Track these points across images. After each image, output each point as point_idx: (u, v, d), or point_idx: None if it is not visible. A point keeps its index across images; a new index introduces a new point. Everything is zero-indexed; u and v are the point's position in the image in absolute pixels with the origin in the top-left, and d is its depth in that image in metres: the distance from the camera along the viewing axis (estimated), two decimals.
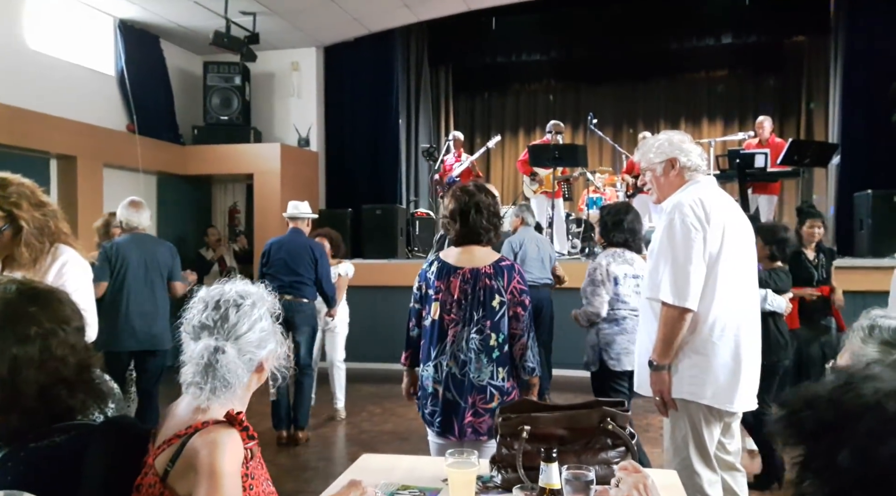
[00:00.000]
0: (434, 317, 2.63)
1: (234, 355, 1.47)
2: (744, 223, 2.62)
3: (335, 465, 4.51)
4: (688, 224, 2.44)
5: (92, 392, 1.54)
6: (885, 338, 1.33)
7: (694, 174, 2.62)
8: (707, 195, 2.53)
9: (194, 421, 1.44)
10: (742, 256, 2.55)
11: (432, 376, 2.63)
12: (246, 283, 1.59)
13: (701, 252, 2.43)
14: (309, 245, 5.14)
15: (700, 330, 2.47)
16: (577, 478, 1.63)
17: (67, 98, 6.82)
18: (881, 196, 6.85)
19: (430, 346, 2.65)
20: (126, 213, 4.50)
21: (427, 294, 2.67)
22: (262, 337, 1.53)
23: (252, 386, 1.58)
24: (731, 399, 2.48)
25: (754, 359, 2.58)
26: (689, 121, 11.03)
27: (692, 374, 2.48)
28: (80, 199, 6.70)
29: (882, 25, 7.72)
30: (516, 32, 10.21)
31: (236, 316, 1.50)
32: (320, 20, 8.22)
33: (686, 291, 2.41)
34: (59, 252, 2.76)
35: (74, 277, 2.76)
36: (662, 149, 2.64)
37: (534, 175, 8.09)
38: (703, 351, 2.47)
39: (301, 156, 8.80)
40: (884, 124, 7.36)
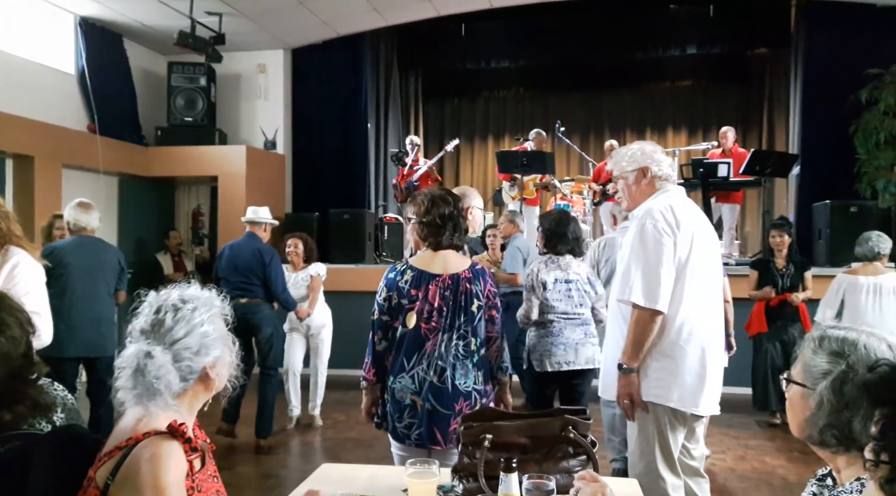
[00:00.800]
0: (409, 327, 2.53)
1: (165, 361, 1.44)
2: (710, 231, 2.69)
3: (297, 474, 4.43)
4: (659, 229, 2.50)
5: (28, 403, 1.48)
6: (834, 348, 1.35)
7: (664, 183, 2.69)
8: (676, 203, 2.60)
9: (136, 432, 1.40)
10: (708, 263, 2.61)
11: (409, 388, 2.51)
12: (197, 288, 1.56)
13: (671, 256, 2.49)
14: (258, 249, 5.07)
15: (668, 333, 2.51)
16: (538, 487, 1.62)
17: (25, 96, 6.64)
18: (839, 206, 7.02)
19: (403, 358, 2.54)
20: (74, 214, 4.34)
21: (399, 304, 2.55)
22: (203, 343, 1.49)
23: (199, 395, 1.54)
24: (696, 402, 2.52)
25: (719, 364, 2.64)
26: (654, 130, 11.19)
27: (659, 377, 2.52)
28: (37, 200, 6.51)
29: (841, 39, 7.92)
30: (486, 39, 10.26)
31: (173, 320, 1.47)
32: (288, 22, 8.14)
33: (657, 293, 2.46)
34: (9, 254, 2.69)
35: (25, 280, 2.69)
36: (635, 158, 2.71)
37: (514, 180, 8.08)
38: (671, 354, 2.51)
39: (267, 158, 8.70)
40: (842, 136, 7.55)
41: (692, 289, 2.52)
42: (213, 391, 1.56)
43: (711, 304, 2.61)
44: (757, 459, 4.82)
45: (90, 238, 4.42)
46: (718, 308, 2.66)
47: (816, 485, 1.47)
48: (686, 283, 2.51)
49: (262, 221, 5.25)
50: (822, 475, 1.48)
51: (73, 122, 7.30)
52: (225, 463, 4.53)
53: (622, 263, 2.63)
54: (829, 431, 1.29)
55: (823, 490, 1.44)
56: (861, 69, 7.36)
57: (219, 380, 1.55)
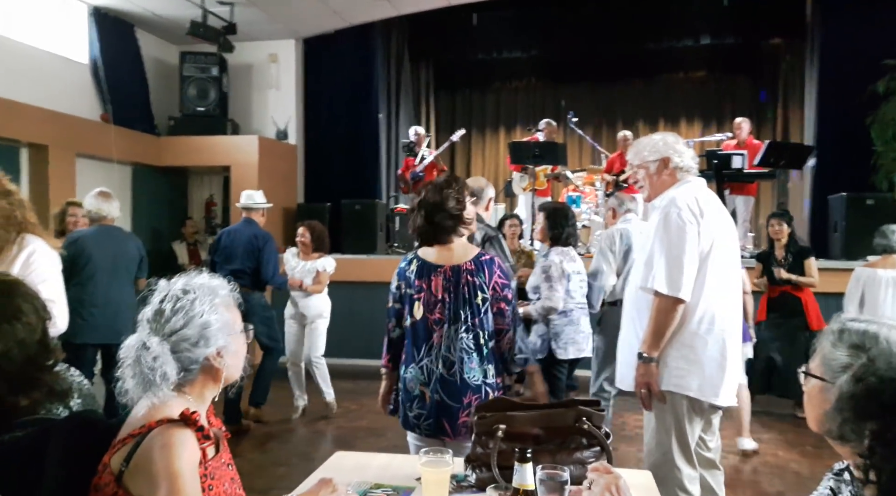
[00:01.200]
0: (417, 318, 2.53)
1: (162, 351, 1.43)
2: (730, 223, 2.69)
3: (309, 462, 4.45)
4: (683, 218, 2.50)
5: (44, 389, 1.49)
6: (854, 341, 1.32)
7: (686, 174, 2.68)
8: (700, 194, 2.61)
9: (149, 419, 1.41)
10: (728, 254, 2.61)
11: (417, 378, 2.51)
12: (205, 277, 1.55)
13: (695, 245, 2.49)
14: (254, 235, 5.09)
15: (689, 322, 2.50)
16: (552, 478, 1.61)
17: (39, 86, 6.67)
18: (854, 199, 6.95)
19: (413, 348, 2.54)
20: (95, 203, 4.40)
21: (406, 293, 2.56)
22: (203, 333, 1.48)
23: (209, 384, 1.53)
24: (716, 392, 2.52)
25: (738, 355, 2.65)
26: (667, 121, 11.10)
27: (678, 366, 2.51)
28: (51, 188, 6.56)
29: (857, 29, 7.81)
30: (497, 29, 10.19)
31: (172, 311, 1.48)
32: (299, 12, 8.12)
33: (680, 282, 2.45)
34: (25, 242, 2.70)
35: (42, 268, 2.71)
36: (657, 148, 2.70)
37: (524, 171, 8.05)
38: (692, 343, 2.51)
39: (279, 149, 8.71)
40: (858, 127, 7.46)
41: (713, 279, 2.51)
42: (223, 380, 1.54)
43: (731, 295, 2.61)
44: (770, 453, 4.79)
45: (112, 227, 4.48)
46: (738, 299, 2.66)
47: (834, 480, 1.45)
48: (708, 273, 2.51)
49: (258, 206, 5.22)
50: (839, 469, 1.46)
51: (87, 112, 7.33)
52: (237, 451, 4.56)
53: (643, 252, 2.63)
54: (849, 426, 1.27)
55: (841, 485, 1.42)
56: (878, 60, 7.24)
57: (227, 370, 1.53)
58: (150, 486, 1.33)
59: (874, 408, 1.17)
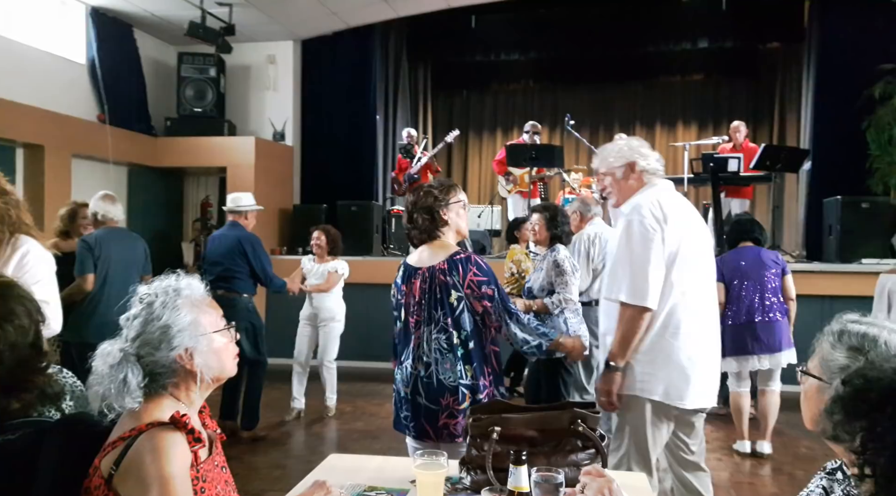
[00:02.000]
0: (402, 321, 2.60)
1: (120, 358, 1.43)
2: (700, 225, 2.70)
3: (304, 464, 4.45)
4: (646, 225, 2.50)
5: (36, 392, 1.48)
6: (853, 343, 1.33)
7: (652, 177, 2.68)
8: (665, 197, 2.60)
9: (139, 422, 1.41)
10: (698, 257, 2.60)
11: (401, 379, 2.57)
12: (173, 278, 1.54)
13: (659, 252, 2.49)
14: (238, 238, 5.03)
15: (654, 328, 2.51)
16: (547, 480, 1.62)
17: (36, 86, 6.66)
18: (850, 202, 6.97)
19: (401, 350, 2.61)
20: (103, 206, 4.41)
21: (398, 299, 2.63)
22: (163, 336, 1.45)
23: (192, 386, 1.50)
24: (682, 396, 2.53)
25: (710, 357, 2.63)
26: (664, 124, 11.13)
27: (643, 371, 2.53)
28: (47, 189, 6.54)
29: (855, 34, 7.84)
30: (495, 32, 10.21)
31: (133, 315, 1.48)
32: (297, 13, 8.12)
33: (645, 291, 2.46)
34: (19, 242, 2.69)
35: (36, 269, 2.69)
36: (622, 153, 2.71)
37: (508, 174, 8.09)
38: (657, 348, 2.51)
39: (276, 150, 8.70)
40: (855, 131, 7.48)
41: (679, 284, 2.51)
42: (210, 380, 1.51)
43: (702, 297, 2.60)
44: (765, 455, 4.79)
45: (121, 230, 4.52)
46: (710, 300, 2.65)
47: (826, 479, 1.46)
48: (673, 278, 2.51)
49: (241, 209, 5.17)
50: (831, 468, 1.46)
51: (83, 112, 7.32)
52: (232, 452, 4.55)
53: (611, 260, 2.68)
54: (844, 427, 1.28)
55: (833, 484, 1.43)
56: (875, 64, 7.28)
57: (206, 370, 1.49)
58: (141, 490, 1.33)
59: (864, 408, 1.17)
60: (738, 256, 4.75)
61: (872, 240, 6.77)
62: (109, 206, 4.42)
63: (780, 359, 4.57)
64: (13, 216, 2.68)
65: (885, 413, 1.09)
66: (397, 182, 8.27)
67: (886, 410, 1.09)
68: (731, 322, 4.60)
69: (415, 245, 2.65)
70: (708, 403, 2.63)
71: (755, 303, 4.60)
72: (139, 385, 1.43)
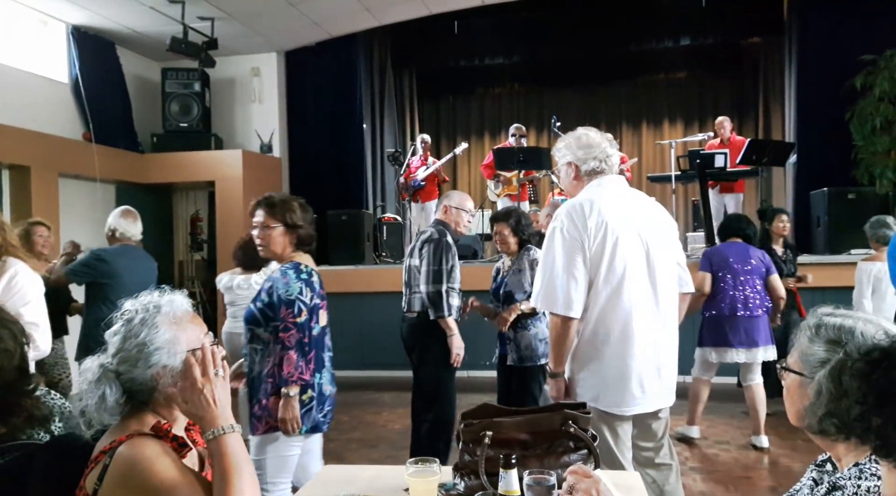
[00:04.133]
0: (323, 325, 2.71)
1: (99, 374, 1.43)
2: (652, 223, 2.58)
3: None
4: (563, 232, 2.45)
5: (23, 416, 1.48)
6: (831, 336, 1.34)
7: (594, 177, 2.60)
8: (599, 195, 2.50)
9: (119, 435, 1.40)
10: (638, 257, 2.48)
11: (331, 380, 2.77)
12: (155, 295, 1.53)
13: (580, 259, 2.42)
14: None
15: (583, 335, 2.49)
16: (539, 482, 1.62)
17: (20, 106, 6.63)
18: (836, 193, 7.02)
19: (324, 354, 2.74)
20: (121, 223, 4.34)
21: (315, 304, 2.67)
22: (140, 353, 1.43)
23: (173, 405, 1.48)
24: (619, 402, 2.49)
25: (652, 360, 2.52)
26: (650, 122, 11.19)
27: (580, 378, 2.52)
28: (34, 209, 6.50)
29: (834, 26, 7.92)
30: (479, 36, 10.25)
31: (113, 333, 1.48)
32: (280, 25, 8.13)
33: (565, 299, 2.42)
34: (7, 265, 2.70)
35: (24, 291, 2.70)
36: (562, 152, 2.68)
37: (496, 177, 8.12)
38: (588, 356, 2.49)
39: (264, 162, 8.69)
40: (838, 123, 7.54)
41: (609, 288, 2.43)
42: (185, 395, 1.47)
43: (639, 300, 2.48)
44: None
45: (135, 249, 4.42)
46: (649, 302, 2.51)
47: (816, 471, 1.47)
48: (601, 282, 2.43)
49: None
50: (821, 461, 1.48)
51: (69, 131, 7.30)
52: None
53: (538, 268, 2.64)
54: (829, 420, 1.28)
55: (823, 475, 1.44)
56: (855, 56, 7.35)
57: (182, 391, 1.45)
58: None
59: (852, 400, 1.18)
60: (725, 250, 4.87)
61: (860, 230, 6.77)
62: (127, 223, 4.36)
63: (756, 355, 4.68)
64: (1, 239, 2.68)
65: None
66: (406, 188, 8.27)
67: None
68: (714, 312, 4.74)
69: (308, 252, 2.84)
70: (652, 407, 2.55)
71: (738, 297, 4.69)
72: (117, 401, 1.42)
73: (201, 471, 1.51)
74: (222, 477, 1.37)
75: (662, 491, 2.67)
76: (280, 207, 2.71)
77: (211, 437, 1.41)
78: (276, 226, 2.69)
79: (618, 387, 2.48)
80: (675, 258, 2.65)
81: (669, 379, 2.59)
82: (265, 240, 2.71)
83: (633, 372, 2.47)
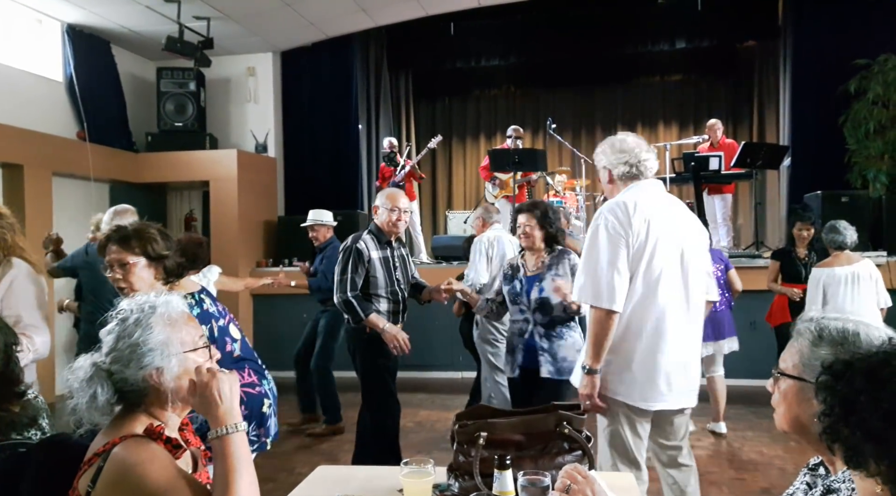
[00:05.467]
0: (239, 337, 2.58)
1: (91, 372, 1.42)
2: (684, 225, 2.67)
3: (294, 477, 4.43)
4: (608, 228, 2.52)
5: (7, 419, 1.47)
6: (835, 338, 1.34)
7: (630, 181, 2.67)
8: (639, 197, 2.58)
9: (112, 437, 1.39)
10: (674, 257, 2.57)
11: (271, 390, 2.61)
12: (153, 295, 1.52)
13: (623, 254, 2.50)
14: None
15: (619, 330, 2.53)
16: (534, 483, 1.62)
17: (13, 105, 6.61)
18: (830, 196, 7.04)
19: (257, 361, 2.63)
20: (106, 220, 4.44)
21: (220, 326, 2.51)
22: (132, 354, 1.43)
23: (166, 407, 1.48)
24: (645, 397, 2.55)
25: (682, 358, 2.59)
26: (644, 124, 11.20)
27: (610, 371, 2.56)
28: (27, 208, 6.47)
29: (829, 30, 7.95)
30: (475, 38, 10.25)
31: (107, 332, 1.47)
32: (276, 25, 8.12)
33: (609, 293, 2.48)
34: (10, 266, 2.68)
35: (24, 293, 2.68)
36: (599, 158, 2.76)
37: (494, 179, 8.12)
38: (619, 349, 2.54)
39: (258, 162, 8.68)
40: (832, 127, 7.58)
41: (645, 284, 2.52)
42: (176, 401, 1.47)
43: (672, 300, 2.56)
44: (754, 450, 4.83)
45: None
46: (681, 303, 2.58)
47: (810, 475, 1.47)
48: (640, 279, 2.51)
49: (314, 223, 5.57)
50: (814, 464, 1.47)
51: (63, 130, 7.27)
52: None
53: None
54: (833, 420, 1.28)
55: (816, 479, 1.44)
56: (849, 60, 7.39)
57: (176, 390, 1.45)
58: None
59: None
60: None
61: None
62: (117, 219, 4.39)
63: (722, 346, 5.10)
64: (9, 239, 2.68)
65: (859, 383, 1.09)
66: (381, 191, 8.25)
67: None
68: None
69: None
70: (677, 405, 2.61)
71: None
72: (109, 401, 1.42)
73: (195, 472, 1.51)
74: (223, 478, 1.37)
75: (684, 492, 2.71)
76: (137, 239, 2.30)
77: (214, 437, 1.40)
78: (135, 261, 2.29)
79: (645, 382, 2.54)
80: (704, 265, 2.75)
81: (694, 379, 2.66)
82: (126, 278, 2.29)
83: (662, 368, 2.54)
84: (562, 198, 8.39)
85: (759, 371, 5.38)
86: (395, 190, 4.01)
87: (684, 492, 2.71)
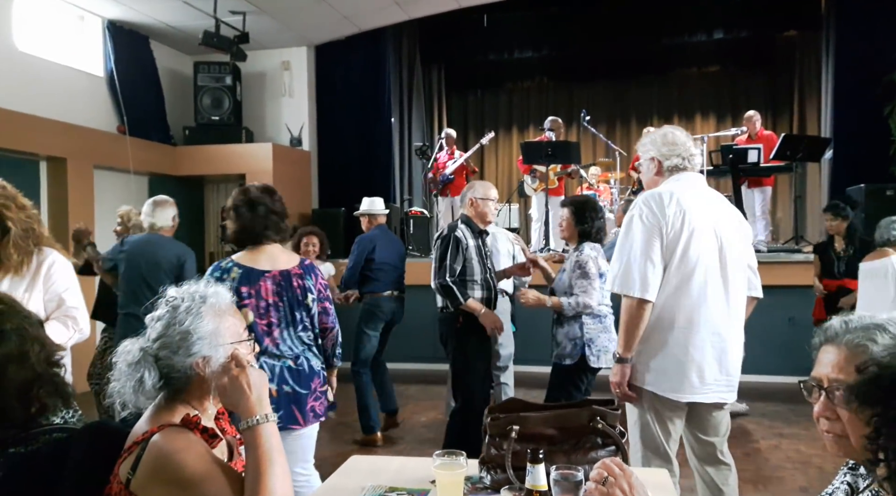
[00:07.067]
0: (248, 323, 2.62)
1: (139, 357, 1.45)
2: (724, 219, 2.62)
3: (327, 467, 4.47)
4: (643, 219, 2.52)
5: (59, 389, 1.51)
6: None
7: (672, 173, 2.67)
8: (676, 189, 2.57)
9: (151, 426, 1.42)
10: (709, 249, 2.54)
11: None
12: (202, 284, 1.55)
13: (656, 245, 2.49)
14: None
15: (651, 320, 2.52)
16: (566, 478, 1.61)
17: (57, 100, 6.78)
18: (874, 190, 6.86)
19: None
20: (135, 213, 4.59)
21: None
22: (182, 342, 1.46)
23: (206, 395, 1.51)
24: (676, 388, 2.53)
25: (717, 351, 2.54)
26: (681, 116, 11.03)
27: (641, 362, 2.56)
28: (70, 201, 6.66)
29: (873, 20, 7.72)
30: (508, 30, 10.19)
31: (157, 317, 1.49)
32: (310, 19, 8.18)
33: (642, 283, 2.48)
34: (44, 253, 2.77)
35: (63, 277, 2.78)
36: (646, 148, 2.75)
37: (533, 172, 8.04)
38: (651, 340, 2.53)
39: (293, 155, 8.77)
40: (876, 118, 7.36)
41: (679, 276, 2.50)
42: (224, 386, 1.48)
43: (709, 292, 2.52)
44: (792, 448, 4.74)
45: (155, 236, 4.44)
46: (719, 296, 2.54)
47: (850, 475, 1.43)
48: (673, 270, 2.50)
49: (370, 212, 5.45)
50: (853, 464, 1.43)
51: (104, 124, 7.44)
52: None
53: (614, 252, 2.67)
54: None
55: (858, 479, 1.40)
56: (894, 50, 7.16)
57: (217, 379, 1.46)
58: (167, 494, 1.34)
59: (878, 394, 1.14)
60: None
61: None
62: (158, 210, 4.51)
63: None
64: (37, 230, 2.76)
65: None
66: (434, 182, 8.26)
67: None
68: None
69: (249, 245, 2.79)
70: (711, 399, 2.56)
71: None
72: (154, 386, 1.45)
73: (230, 461, 1.53)
74: (255, 468, 1.38)
75: (721, 491, 2.67)
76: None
77: (245, 427, 1.41)
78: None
79: (676, 374, 2.52)
80: (748, 260, 2.70)
81: (732, 374, 2.60)
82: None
83: (693, 361, 2.51)
84: (595, 190, 8.32)
85: (798, 367, 5.27)
86: (486, 182, 4.06)
87: (721, 492, 2.67)
